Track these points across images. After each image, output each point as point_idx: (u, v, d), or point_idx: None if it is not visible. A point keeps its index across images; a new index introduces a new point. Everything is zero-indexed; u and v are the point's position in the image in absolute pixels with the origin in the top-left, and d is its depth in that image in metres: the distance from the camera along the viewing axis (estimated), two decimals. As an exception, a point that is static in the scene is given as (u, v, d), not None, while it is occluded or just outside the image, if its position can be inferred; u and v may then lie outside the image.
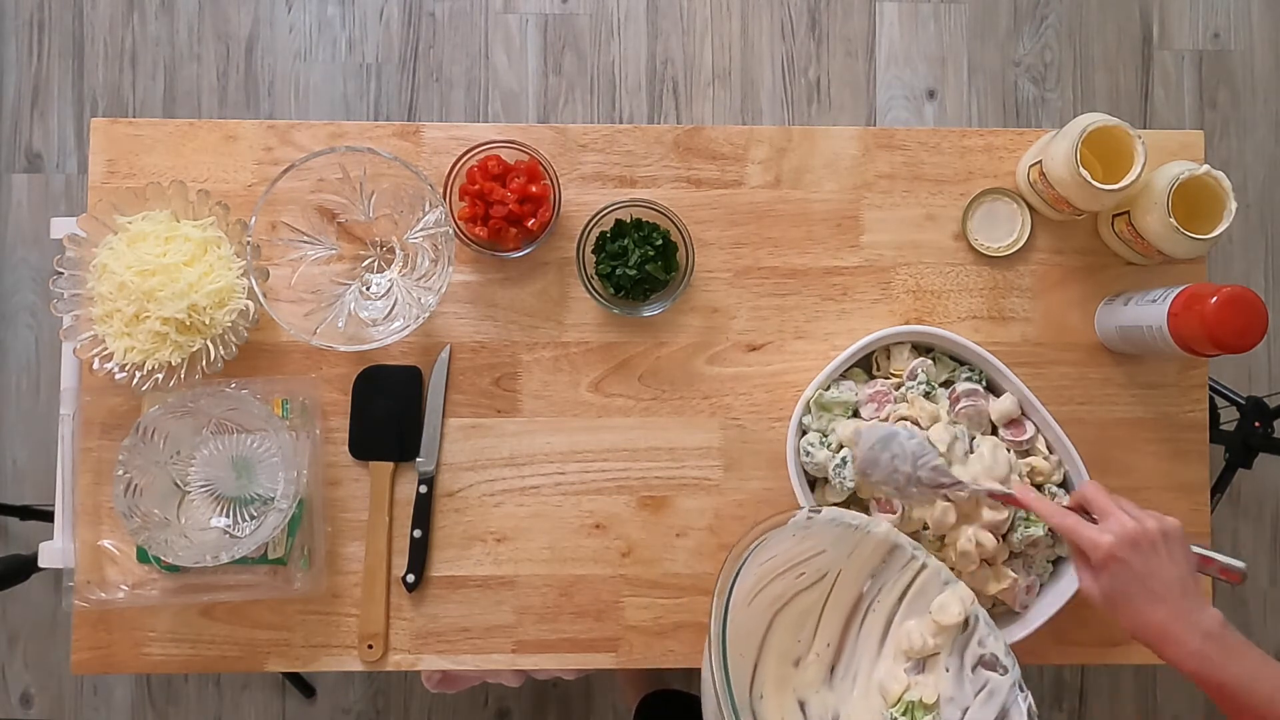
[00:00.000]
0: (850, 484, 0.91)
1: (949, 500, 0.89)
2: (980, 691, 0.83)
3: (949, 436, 0.90)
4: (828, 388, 0.95)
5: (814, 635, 0.88)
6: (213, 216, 0.93)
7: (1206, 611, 0.74)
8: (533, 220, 0.95)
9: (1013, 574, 0.92)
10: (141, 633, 0.97)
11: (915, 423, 0.92)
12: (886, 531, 0.86)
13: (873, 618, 0.88)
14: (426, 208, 0.95)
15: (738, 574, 0.77)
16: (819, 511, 0.83)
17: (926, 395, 0.94)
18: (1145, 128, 1.72)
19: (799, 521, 0.82)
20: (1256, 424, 1.53)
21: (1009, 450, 0.92)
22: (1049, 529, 0.92)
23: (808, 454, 0.93)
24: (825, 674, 0.87)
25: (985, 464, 0.89)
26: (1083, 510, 0.81)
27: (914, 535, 0.91)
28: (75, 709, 1.74)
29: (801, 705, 0.85)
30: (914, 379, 0.94)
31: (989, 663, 0.83)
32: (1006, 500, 0.85)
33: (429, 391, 0.99)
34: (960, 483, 0.86)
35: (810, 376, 0.97)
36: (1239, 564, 0.80)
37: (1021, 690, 0.81)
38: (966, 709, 0.83)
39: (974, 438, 0.93)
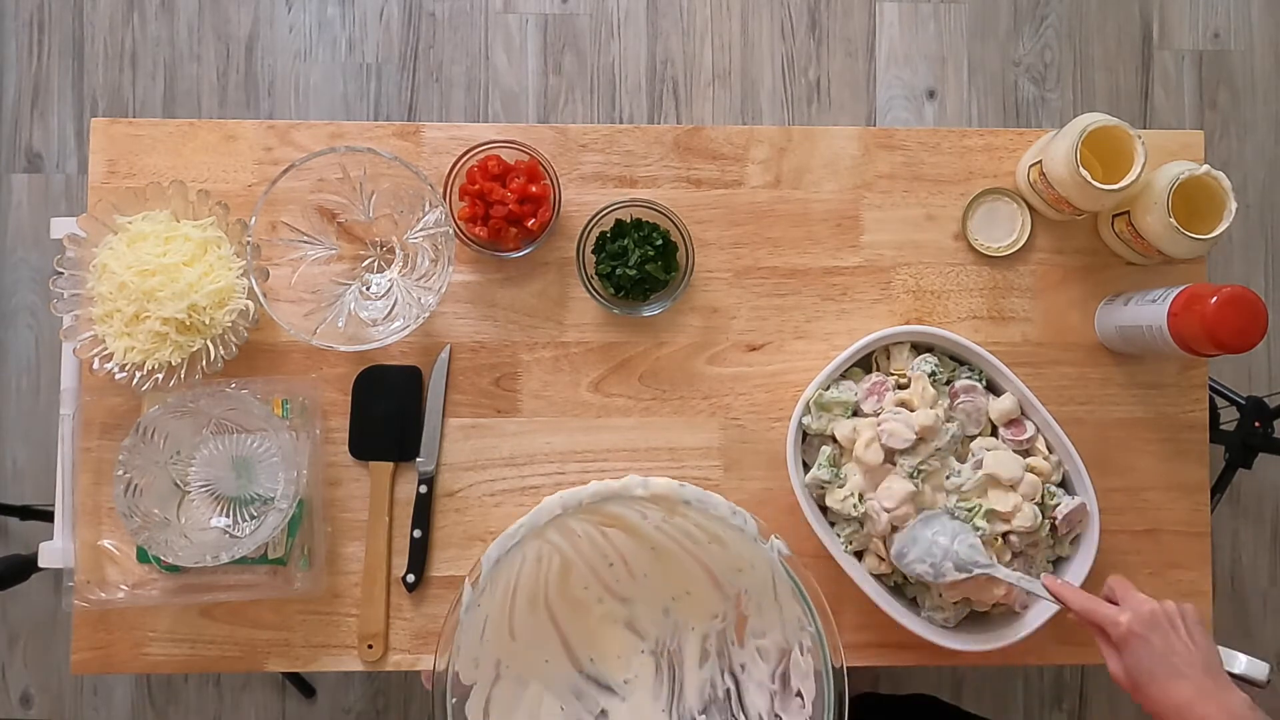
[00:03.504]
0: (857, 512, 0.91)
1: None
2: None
3: (933, 419, 0.90)
4: (828, 388, 0.95)
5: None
6: (213, 216, 0.93)
7: (1234, 693, 0.72)
8: (533, 220, 0.95)
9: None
10: (141, 633, 0.97)
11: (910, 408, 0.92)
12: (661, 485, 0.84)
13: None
14: (426, 208, 0.95)
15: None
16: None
17: (932, 378, 0.93)
18: (1145, 128, 1.72)
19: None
20: (1256, 424, 1.53)
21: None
22: (1051, 531, 0.92)
23: (821, 488, 0.93)
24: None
25: (996, 469, 0.90)
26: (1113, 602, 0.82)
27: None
28: (75, 709, 1.74)
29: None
30: (922, 365, 0.94)
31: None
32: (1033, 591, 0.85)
33: (429, 391, 0.99)
34: (993, 564, 0.86)
35: (810, 376, 0.97)
36: (1262, 666, 0.76)
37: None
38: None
39: (972, 438, 0.93)
